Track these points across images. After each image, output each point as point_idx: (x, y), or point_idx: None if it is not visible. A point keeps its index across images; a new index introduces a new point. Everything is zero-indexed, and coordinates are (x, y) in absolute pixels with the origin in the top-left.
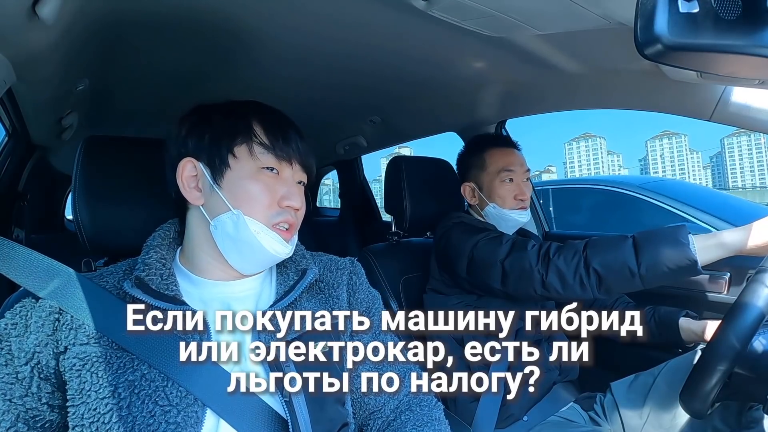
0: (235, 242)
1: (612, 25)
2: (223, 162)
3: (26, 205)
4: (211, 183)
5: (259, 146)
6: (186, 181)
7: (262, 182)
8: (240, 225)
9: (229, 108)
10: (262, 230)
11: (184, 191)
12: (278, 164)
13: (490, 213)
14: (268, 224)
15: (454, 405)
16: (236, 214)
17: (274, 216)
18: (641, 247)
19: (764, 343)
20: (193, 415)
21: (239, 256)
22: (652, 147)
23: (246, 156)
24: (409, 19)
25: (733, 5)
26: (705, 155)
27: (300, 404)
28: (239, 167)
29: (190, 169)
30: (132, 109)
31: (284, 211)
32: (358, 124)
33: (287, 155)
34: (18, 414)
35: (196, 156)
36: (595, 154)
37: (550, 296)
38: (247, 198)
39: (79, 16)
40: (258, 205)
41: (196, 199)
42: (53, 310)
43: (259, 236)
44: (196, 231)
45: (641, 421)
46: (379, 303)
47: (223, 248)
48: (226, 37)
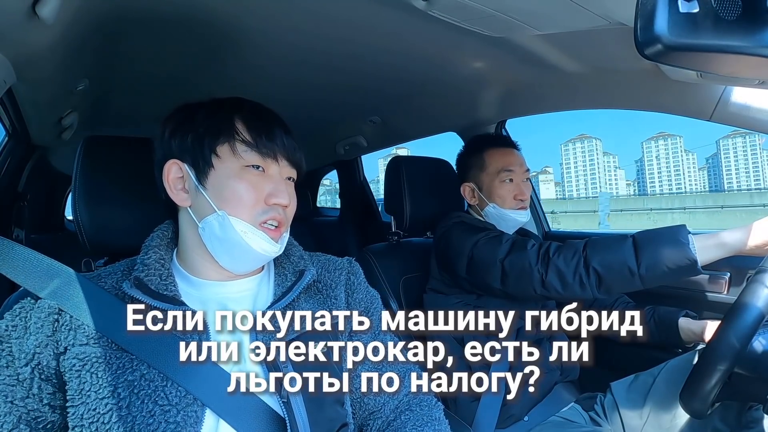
0: (223, 243)
1: (612, 25)
2: (207, 162)
3: (26, 205)
4: (195, 184)
5: (242, 144)
6: (172, 183)
7: (247, 180)
8: (226, 226)
9: (211, 106)
10: (248, 230)
11: (171, 193)
12: (263, 161)
13: (490, 213)
14: (254, 223)
15: (455, 405)
16: (221, 215)
17: (260, 214)
18: (641, 246)
19: (764, 343)
20: (192, 414)
21: (229, 257)
22: (648, 148)
23: (229, 155)
24: (409, 19)
25: (733, 5)
26: (700, 156)
27: (298, 404)
28: (223, 167)
29: (176, 170)
30: (132, 109)
31: (271, 209)
32: (358, 124)
33: (272, 152)
34: (20, 416)
35: (180, 157)
36: (591, 155)
37: (550, 296)
38: (232, 197)
39: (79, 16)
40: (243, 204)
41: (183, 201)
42: (52, 311)
43: (246, 236)
44: (187, 233)
45: (641, 421)
46: (378, 303)
47: (212, 249)
48: (225, 37)
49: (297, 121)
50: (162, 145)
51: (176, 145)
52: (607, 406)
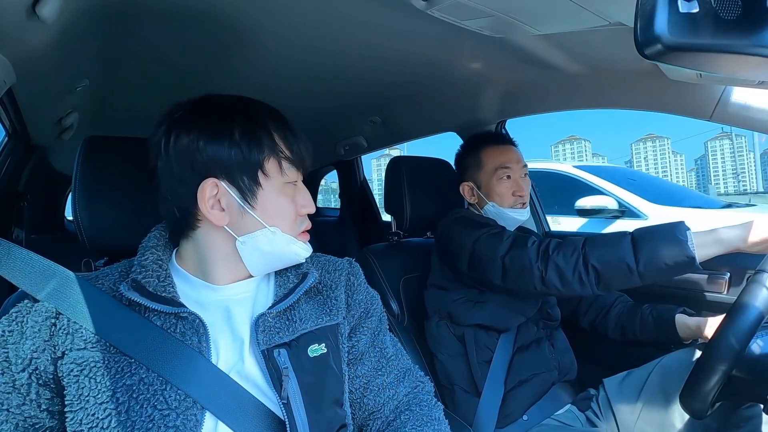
0: (267, 255)
1: (612, 25)
2: (254, 181)
3: (26, 206)
4: (240, 204)
5: (286, 161)
6: (208, 202)
7: (288, 196)
8: (276, 241)
9: (245, 111)
10: (294, 242)
11: (206, 212)
12: (298, 176)
13: (490, 212)
14: (295, 234)
15: (454, 405)
16: (273, 231)
17: (299, 225)
18: (639, 243)
19: (761, 345)
20: (192, 418)
21: (266, 265)
22: (637, 150)
23: (276, 173)
24: (409, 19)
25: (733, 5)
26: (689, 158)
27: (297, 406)
28: (270, 185)
29: (212, 188)
30: (132, 110)
31: (304, 219)
32: (358, 124)
33: (303, 165)
34: (17, 423)
35: (215, 174)
36: (580, 156)
37: (550, 292)
38: (280, 214)
39: (79, 16)
40: (288, 219)
41: (220, 220)
42: (50, 315)
43: (293, 248)
44: (213, 244)
45: (634, 417)
46: (378, 303)
47: (249, 259)
48: (225, 36)
49: (297, 122)
50: (190, 153)
51: (210, 161)
52: (602, 403)
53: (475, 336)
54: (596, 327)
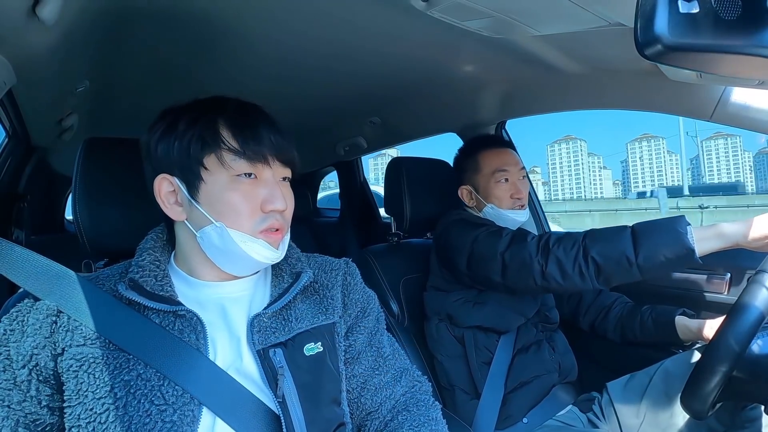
0: (223, 252)
1: (612, 25)
2: (196, 176)
3: (26, 207)
4: (188, 198)
5: (229, 153)
6: (165, 198)
7: (240, 191)
8: (225, 237)
9: (193, 111)
10: (247, 240)
11: (165, 209)
12: (254, 168)
13: (489, 213)
14: (253, 233)
15: (454, 406)
16: (219, 226)
17: (258, 223)
18: (639, 236)
19: (761, 345)
20: (189, 413)
21: (230, 263)
22: (632, 149)
23: (217, 166)
24: (408, 20)
25: (733, 5)
26: (688, 157)
27: (293, 404)
28: (212, 179)
29: (167, 185)
30: (132, 111)
31: (269, 216)
32: (358, 125)
33: (262, 156)
34: (18, 419)
35: (169, 171)
36: (576, 156)
37: (550, 287)
38: (228, 210)
39: (79, 17)
40: (240, 215)
41: (179, 215)
42: (50, 313)
43: (245, 246)
44: (185, 240)
45: (638, 421)
46: (375, 303)
47: (212, 256)
48: (225, 38)
49: (297, 122)
50: (149, 157)
51: (163, 158)
52: (605, 406)
53: (474, 337)
54: (596, 328)
